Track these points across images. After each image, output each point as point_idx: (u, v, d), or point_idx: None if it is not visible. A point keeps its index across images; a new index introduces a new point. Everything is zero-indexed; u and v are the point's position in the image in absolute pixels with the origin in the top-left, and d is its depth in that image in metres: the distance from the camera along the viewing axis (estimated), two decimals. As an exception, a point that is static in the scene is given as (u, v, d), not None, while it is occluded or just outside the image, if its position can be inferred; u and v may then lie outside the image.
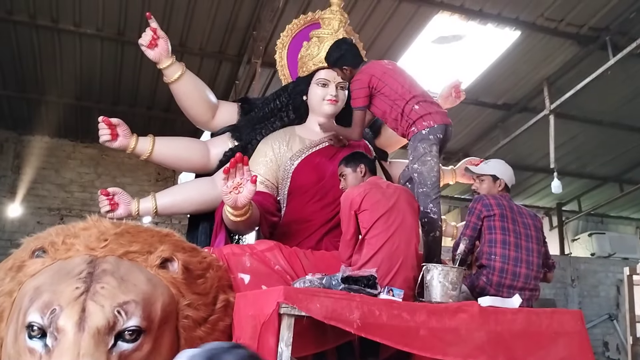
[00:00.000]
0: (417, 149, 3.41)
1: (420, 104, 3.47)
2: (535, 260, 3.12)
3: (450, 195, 12.58)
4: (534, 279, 3.10)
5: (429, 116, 3.44)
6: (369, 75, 3.54)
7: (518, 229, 3.16)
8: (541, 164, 10.44)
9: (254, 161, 3.88)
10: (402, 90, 3.50)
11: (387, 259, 2.84)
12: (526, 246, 3.13)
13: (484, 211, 3.21)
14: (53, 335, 2.23)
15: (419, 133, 3.42)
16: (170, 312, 2.57)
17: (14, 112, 8.91)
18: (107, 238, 2.67)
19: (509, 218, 3.18)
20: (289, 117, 4.16)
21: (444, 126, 3.46)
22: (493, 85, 8.61)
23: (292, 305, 2.24)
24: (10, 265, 2.69)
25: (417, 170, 3.40)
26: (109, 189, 3.79)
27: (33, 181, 9.13)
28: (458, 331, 2.45)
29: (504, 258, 3.07)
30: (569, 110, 8.84)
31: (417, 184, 3.38)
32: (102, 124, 3.75)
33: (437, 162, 3.44)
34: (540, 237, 3.23)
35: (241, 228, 3.59)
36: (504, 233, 3.13)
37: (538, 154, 10.19)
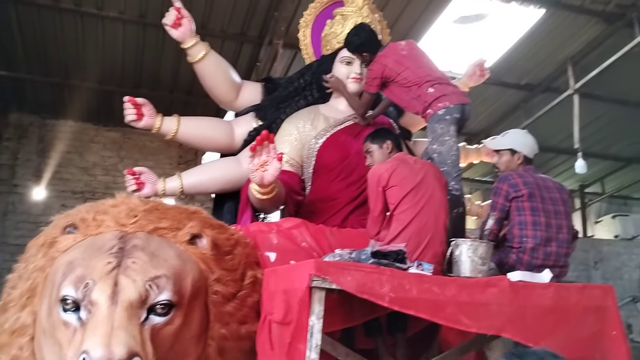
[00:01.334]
0: (435, 130, 3.41)
1: (435, 87, 3.46)
2: (565, 236, 3.09)
3: (472, 178, 12.50)
4: (565, 256, 3.07)
5: (445, 97, 3.43)
6: (382, 67, 3.58)
7: (547, 207, 3.12)
8: (564, 145, 10.32)
9: (278, 140, 3.88)
10: (415, 77, 3.51)
11: (416, 234, 2.83)
12: (556, 224, 3.09)
13: (512, 192, 3.14)
14: (87, 309, 2.26)
15: (436, 114, 3.41)
16: (200, 287, 2.60)
17: (38, 96, 9.01)
18: (137, 214, 2.70)
19: (537, 196, 3.12)
20: (313, 96, 4.14)
21: (461, 106, 3.45)
22: (516, 65, 8.50)
23: (324, 278, 2.25)
24: (42, 241, 2.74)
25: (436, 151, 3.39)
26: (135, 168, 3.82)
27: (57, 165, 9.25)
28: (488, 305, 2.44)
29: (536, 239, 3.04)
30: (594, 90, 8.71)
31: (438, 163, 3.38)
32: (127, 104, 3.78)
33: (455, 142, 3.43)
34: (569, 211, 3.20)
35: (267, 206, 3.60)
36: (534, 214, 3.09)
37: (561, 134, 10.06)
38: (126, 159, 9.56)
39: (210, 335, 2.62)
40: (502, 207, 3.16)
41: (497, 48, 8.07)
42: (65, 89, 8.77)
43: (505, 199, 3.16)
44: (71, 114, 9.32)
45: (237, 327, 2.70)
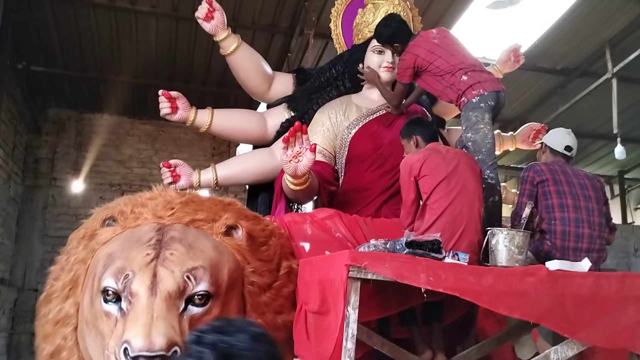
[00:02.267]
0: (469, 118, 3.37)
1: (469, 74, 3.42)
2: (597, 219, 3.03)
3: (507, 165, 12.32)
4: (599, 239, 3.01)
5: (478, 85, 3.39)
6: (414, 57, 3.55)
7: (574, 190, 3.08)
8: (602, 130, 10.07)
9: (311, 131, 3.88)
10: (448, 66, 3.47)
11: (450, 223, 2.81)
12: (585, 206, 3.04)
13: (536, 177, 3.15)
14: (127, 299, 2.32)
15: (470, 102, 3.37)
16: (236, 278, 2.63)
17: (75, 91, 9.18)
18: (174, 207, 2.75)
19: (563, 181, 3.11)
20: (345, 86, 4.14)
21: (495, 93, 3.40)
22: (551, 50, 8.31)
23: (360, 268, 2.25)
24: (82, 234, 2.81)
25: (470, 139, 3.36)
26: (170, 161, 3.88)
27: (95, 158, 9.41)
28: (526, 295, 2.41)
29: (564, 221, 3.01)
30: (633, 73, 8.46)
31: (472, 152, 3.35)
32: (162, 97, 3.83)
33: (490, 129, 3.39)
34: (600, 197, 3.13)
35: (300, 197, 3.62)
36: (559, 197, 3.07)
37: (599, 120, 9.83)
38: (161, 151, 9.68)
39: (247, 325, 2.65)
40: (530, 192, 3.15)
41: (532, 32, 7.89)
42: (101, 83, 8.91)
43: (531, 184, 3.16)
44: (107, 107, 9.48)
45: (274, 317, 2.73)
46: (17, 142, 8.51)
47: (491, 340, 3.00)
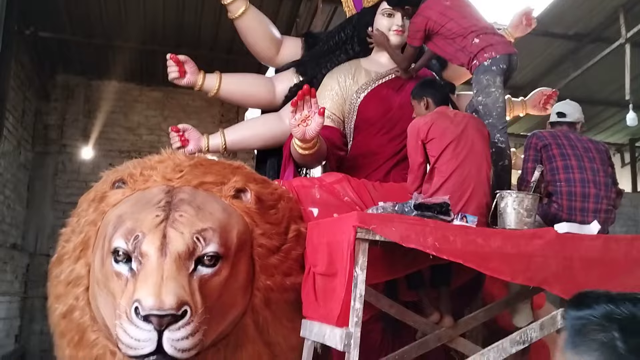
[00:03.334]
0: (480, 82, 3.34)
1: (481, 37, 3.38)
2: (603, 179, 3.04)
3: (516, 133, 12.22)
4: (606, 199, 3.01)
5: (491, 47, 3.35)
6: (425, 19, 3.51)
7: (578, 152, 3.10)
8: (614, 97, 9.95)
9: (320, 95, 3.85)
10: (460, 28, 3.43)
11: (458, 186, 2.81)
12: (590, 167, 3.05)
13: (539, 142, 3.18)
14: (138, 260, 2.35)
15: (482, 65, 3.34)
16: (245, 240, 2.65)
17: (82, 57, 9.13)
18: (183, 169, 2.77)
19: (566, 144, 3.14)
20: (354, 50, 4.09)
21: (507, 56, 3.36)
22: (564, 15, 8.16)
23: (368, 230, 2.26)
24: (92, 196, 2.83)
25: (481, 103, 3.33)
26: (179, 125, 3.88)
27: (103, 125, 9.40)
28: (533, 257, 2.42)
29: (569, 181, 3.03)
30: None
31: (483, 115, 3.33)
32: (170, 62, 3.82)
33: (501, 93, 3.36)
34: (605, 159, 3.14)
35: (309, 161, 3.62)
36: (563, 159, 3.09)
37: (611, 87, 9.70)
38: (169, 118, 9.65)
39: (256, 286, 2.69)
40: (534, 157, 3.18)
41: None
42: (109, 49, 8.85)
43: (535, 149, 3.20)
44: (115, 74, 9.43)
45: (282, 279, 2.76)
46: (27, 108, 8.50)
47: (498, 304, 3.02)
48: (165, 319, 2.18)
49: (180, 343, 2.21)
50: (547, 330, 2.51)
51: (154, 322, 2.17)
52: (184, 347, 2.22)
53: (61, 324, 2.72)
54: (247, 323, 2.67)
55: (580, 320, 1.09)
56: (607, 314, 1.06)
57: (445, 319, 2.84)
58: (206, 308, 2.32)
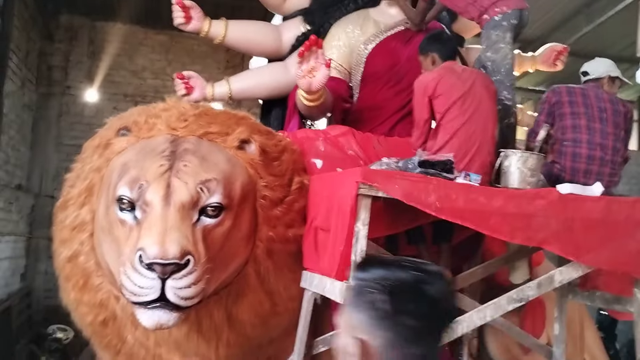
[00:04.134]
0: (490, 37, 3.28)
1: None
2: (611, 143, 3.01)
3: (525, 87, 12.08)
4: (611, 163, 2.99)
5: (502, 2, 3.28)
6: None
7: (591, 112, 3.05)
8: (626, 53, 9.75)
9: (326, 45, 3.79)
10: None
11: (464, 144, 2.80)
12: (600, 128, 3.01)
13: (553, 98, 3.15)
14: (142, 208, 2.37)
15: (492, 20, 3.27)
16: (249, 191, 2.67)
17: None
18: (187, 119, 2.75)
19: (580, 103, 3.08)
20: (363, 0, 4.01)
21: (519, 11, 3.29)
22: (579, -33, 7.97)
23: (371, 186, 2.27)
24: (97, 143, 2.83)
25: (490, 59, 3.28)
26: (184, 72, 3.84)
27: (108, 67, 9.30)
28: (535, 217, 2.43)
29: (575, 142, 3.00)
30: (664, -6, 8.13)
31: (491, 72, 3.28)
32: (176, 7, 3.75)
33: (511, 50, 3.31)
34: (620, 122, 3.08)
35: (314, 113, 3.60)
36: (573, 117, 3.05)
37: (623, 42, 9.50)
38: (174, 62, 9.54)
39: (258, 237, 2.71)
40: (548, 111, 3.16)
41: (561, -53, 7.55)
42: (113, -10, 8.72)
43: (549, 104, 3.17)
44: (120, 16, 9.27)
45: (284, 230, 2.79)
46: (31, 48, 8.40)
47: (496, 260, 3.06)
48: (168, 267, 2.21)
49: (183, 291, 2.24)
50: (544, 289, 2.55)
51: (157, 270, 2.20)
52: (186, 295, 2.26)
53: (66, 267, 2.76)
54: (249, 272, 2.71)
55: (359, 282, 1.24)
56: (378, 278, 1.20)
57: (444, 274, 2.88)
58: (209, 258, 2.35)
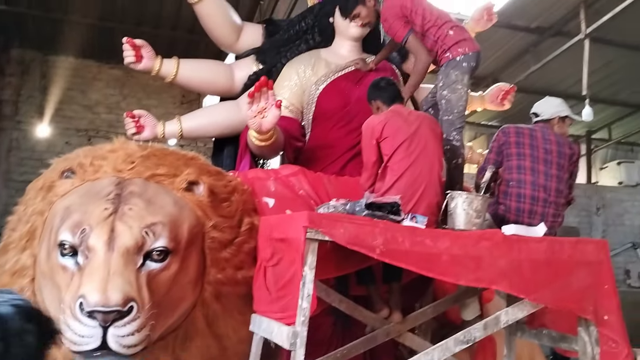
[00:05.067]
0: (449, 76, 3.36)
1: (454, 29, 3.40)
2: (554, 185, 3.07)
3: (478, 122, 12.39)
4: (554, 204, 3.05)
5: (464, 42, 3.37)
6: (399, 6, 3.44)
7: (536, 154, 3.11)
8: (572, 90, 10.13)
9: (278, 85, 3.83)
10: (433, 17, 3.41)
11: (410, 185, 2.83)
12: (544, 171, 3.08)
13: (502, 137, 3.21)
14: (84, 254, 2.31)
15: (454, 60, 3.35)
16: (197, 233, 2.63)
17: (39, 32, 8.88)
18: (134, 160, 2.71)
19: (526, 144, 3.14)
20: (315, 40, 4.06)
21: (477, 54, 3.39)
22: (526, 8, 8.26)
23: (317, 230, 2.26)
24: (40, 185, 2.76)
25: (445, 97, 3.35)
26: (134, 111, 3.80)
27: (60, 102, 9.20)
28: (480, 258, 2.46)
29: (520, 183, 3.06)
30: (606, 35, 8.48)
31: (444, 111, 3.35)
32: (126, 45, 3.73)
33: (466, 92, 3.39)
34: (563, 164, 3.14)
35: (265, 152, 3.60)
36: (519, 158, 3.11)
37: (570, 80, 9.88)
38: (129, 97, 9.49)
39: (206, 280, 2.67)
40: (497, 150, 3.21)
41: (509, -11, 7.83)
42: (66, 24, 8.62)
43: (498, 143, 3.22)
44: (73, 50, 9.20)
45: (234, 273, 2.75)
46: (-20, 82, 8.25)
47: (447, 299, 3.07)
48: (110, 315, 2.15)
49: (126, 339, 2.18)
50: (490, 330, 2.57)
51: (98, 319, 2.15)
52: (129, 343, 2.20)
53: (6, 314, 2.66)
54: (197, 316, 2.66)
55: None
56: None
57: (394, 314, 2.88)
58: (154, 303, 2.30)
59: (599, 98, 10.57)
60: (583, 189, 11.81)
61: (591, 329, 2.65)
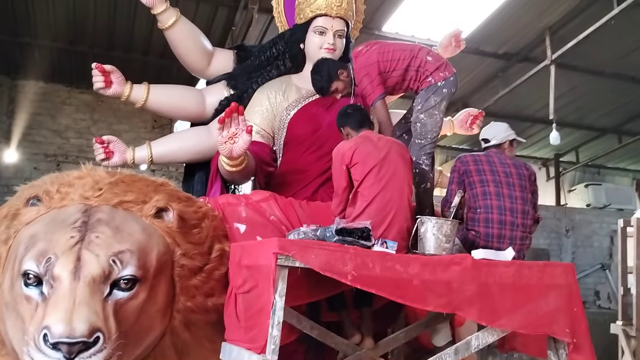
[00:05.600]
0: (428, 100, 3.44)
1: (430, 54, 3.50)
2: (520, 207, 3.12)
3: (448, 146, 12.56)
4: (522, 226, 3.10)
5: (444, 67, 3.48)
6: (375, 63, 3.48)
7: (498, 178, 3.17)
8: (540, 114, 10.38)
9: (249, 110, 3.84)
10: (407, 52, 3.51)
11: (380, 210, 2.84)
12: (508, 194, 3.13)
13: (462, 167, 3.25)
14: (49, 284, 2.26)
15: (435, 85, 3.44)
16: (166, 261, 2.60)
17: (7, 56, 8.77)
18: (102, 187, 2.68)
19: (486, 170, 3.20)
20: (286, 66, 4.08)
21: (456, 78, 3.49)
22: (494, 34, 8.47)
23: (287, 256, 2.26)
24: (5, 213, 2.70)
25: (421, 121, 3.40)
26: (104, 137, 3.76)
27: (28, 127, 9.07)
28: (450, 283, 2.48)
29: (487, 208, 3.10)
30: (571, 61, 8.74)
31: (418, 134, 3.40)
32: (95, 71, 3.70)
33: (441, 119, 3.48)
34: (525, 185, 3.20)
35: (237, 178, 3.59)
36: (482, 185, 3.16)
37: (537, 104, 10.12)
38: (100, 121, 9.41)
39: (175, 308, 2.64)
40: (458, 180, 3.25)
41: (476, 16, 8.01)
42: (36, 48, 8.55)
43: (458, 173, 3.27)
44: (42, 74, 9.12)
45: (204, 300, 2.72)
46: (-54, 107, 8.11)
47: (418, 324, 3.07)
48: (76, 346, 2.11)
49: (92, 371, 2.14)
50: (462, 355, 2.58)
51: (63, 350, 2.10)
52: (95, 375, 2.15)
53: (-32, 345, 2.58)
54: (166, 345, 2.62)
55: None
56: None
57: (366, 340, 2.87)
58: (121, 333, 2.26)
59: (566, 122, 10.83)
60: (553, 211, 12.01)
61: (561, 352, 2.68)
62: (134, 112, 9.61)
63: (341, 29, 3.88)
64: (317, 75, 3.60)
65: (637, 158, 13.62)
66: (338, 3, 3.86)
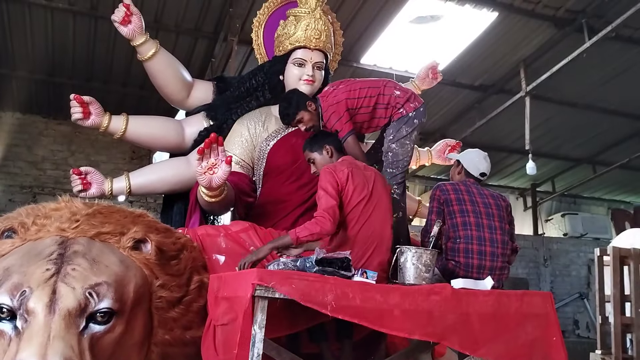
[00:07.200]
0: (399, 130, 3.47)
1: (398, 89, 3.55)
2: (499, 237, 3.15)
3: (427, 176, 12.66)
4: (501, 256, 3.12)
5: (413, 98, 3.53)
6: (343, 101, 3.48)
7: (478, 208, 3.20)
8: (516, 145, 10.54)
9: (229, 141, 3.85)
10: (373, 88, 3.55)
11: (363, 242, 2.85)
12: (488, 224, 3.16)
13: (442, 196, 3.27)
14: (23, 318, 2.21)
15: (406, 116, 3.49)
16: (143, 293, 2.56)
17: (-17, 87, 8.72)
18: (79, 219, 2.64)
19: (467, 200, 3.23)
20: (265, 97, 4.11)
21: (424, 108, 3.54)
22: (470, 67, 8.63)
23: (267, 287, 2.24)
24: (-21, 245, 2.65)
25: (393, 150, 3.44)
26: (81, 168, 3.74)
27: (4, 158, 8.96)
28: (430, 313, 2.48)
29: (467, 238, 3.12)
30: (545, 93, 8.91)
31: (389, 163, 3.44)
32: (74, 102, 3.69)
33: (412, 149, 3.52)
34: (503, 215, 3.24)
35: (216, 208, 3.57)
36: (462, 215, 3.18)
37: (514, 135, 10.28)
38: (77, 153, 9.32)
39: (153, 341, 2.59)
40: (438, 209, 3.27)
41: (452, 49, 8.17)
42: (13, 80, 8.50)
43: (438, 202, 3.28)
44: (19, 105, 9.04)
45: (182, 333, 2.68)
46: None
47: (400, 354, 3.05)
48: (51, 381, 2.05)
49: (67, 407, 2.08)
50: (443, 385, 2.56)
51: (38, 386, 2.04)
52: (70, 411, 2.09)
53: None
54: (144, 379, 2.56)
55: None
56: None
57: (347, 372, 2.84)
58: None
59: (542, 152, 11.00)
60: (531, 241, 12.11)
61: (541, 381, 2.68)
62: (112, 143, 9.54)
63: (320, 60, 3.94)
64: (285, 102, 3.62)
65: (611, 188, 13.83)
66: (317, 35, 3.92)
